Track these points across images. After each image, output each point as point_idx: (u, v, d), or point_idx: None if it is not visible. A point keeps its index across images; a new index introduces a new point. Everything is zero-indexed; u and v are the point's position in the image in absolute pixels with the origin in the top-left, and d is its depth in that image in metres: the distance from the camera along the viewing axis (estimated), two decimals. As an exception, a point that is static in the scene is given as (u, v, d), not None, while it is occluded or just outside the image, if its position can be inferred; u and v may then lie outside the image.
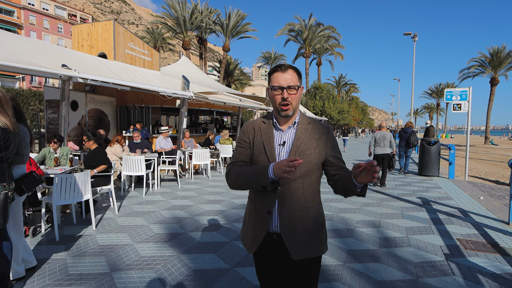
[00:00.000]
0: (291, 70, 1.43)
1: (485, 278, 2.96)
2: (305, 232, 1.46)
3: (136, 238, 3.90)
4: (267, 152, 1.46)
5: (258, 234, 1.49)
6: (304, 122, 1.51)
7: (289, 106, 1.42)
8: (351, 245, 3.77)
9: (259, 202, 1.50)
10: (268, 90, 1.49)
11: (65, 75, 5.68)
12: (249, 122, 1.60)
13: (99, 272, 3.00)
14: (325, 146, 1.48)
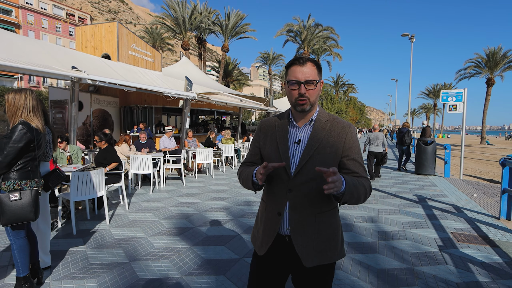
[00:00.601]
0: (310, 63, 1.34)
1: (475, 267, 3.22)
2: (317, 237, 1.38)
3: (149, 232, 4.13)
4: (280, 150, 1.40)
5: (268, 235, 1.43)
6: (322, 120, 1.42)
7: (306, 101, 1.34)
8: (352, 238, 4.02)
9: (270, 203, 1.45)
10: (284, 84, 1.40)
11: (75, 77, 5.89)
12: (264, 120, 1.56)
13: (118, 262, 3.23)
14: (342, 145, 1.38)
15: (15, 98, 2.44)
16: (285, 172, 1.37)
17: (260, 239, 1.47)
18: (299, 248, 1.36)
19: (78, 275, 2.93)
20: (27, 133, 2.38)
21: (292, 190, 1.36)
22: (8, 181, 2.37)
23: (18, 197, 2.35)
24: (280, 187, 1.39)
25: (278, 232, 1.42)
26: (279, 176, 1.39)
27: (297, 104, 1.35)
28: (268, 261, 1.45)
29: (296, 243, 1.36)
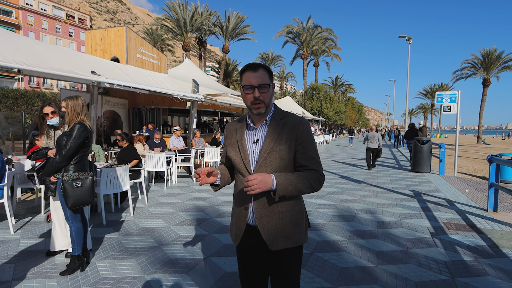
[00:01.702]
0: (262, 69, 1.45)
1: (462, 249, 3.69)
2: (281, 225, 1.50)
3: (171, 222, 4.58)
4: (241, 151, 1.53)
5: (239, 227, 1.58)
6: (276, 118, 1.52)
7: (261, 104, 1.44)
8: (354, 226, 4.49)
9: (238, 198, 1.58)
10: (240, 90, 1.50)
11: (95, 81, 6.33)
12: (228, 125, 1.69)
13: (150, 246, 3.68)
14: (294, 140, 1.48)
15: (74, 104, 2.89)
16: (246, 170, 1.50)
17: (234, 232, 1.62)
18: (266, 235, 1.49)
19: (118, 257, 3.38)
20: (84, 131, 2.83)
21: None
22: (68, 173, 2.82)
23: (80, 184, 2.81)
24: (244, 184, 1.46)
25: (248, 223, 1.55)
26: (242, 174, 1.53)
27: (253, 108, 1.45)
28: (245, 250, 1.60)
29: (262, 232, 1.49)
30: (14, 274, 2.95)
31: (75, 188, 2.80)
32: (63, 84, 55.81)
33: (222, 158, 1.75)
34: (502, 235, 4.17)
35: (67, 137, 2.79)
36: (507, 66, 33.64)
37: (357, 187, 7.54)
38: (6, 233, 4.06)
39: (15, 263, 3.18)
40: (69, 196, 2.78)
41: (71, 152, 2.78)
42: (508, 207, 5.91)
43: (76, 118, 2.91)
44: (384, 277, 2.97)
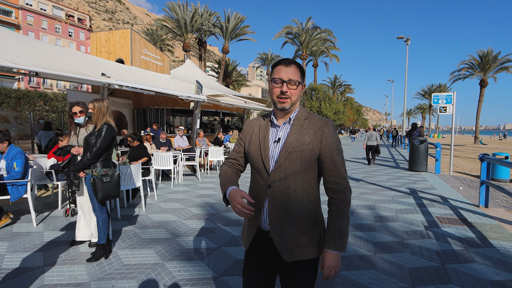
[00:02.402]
0: (294, 65, 1.41)
1: (453, 240, 4.00)
2: (296, 232, 1.41)
3: (181, 217, 4.87)
4: (261, 149, 1.46)
5: (250, 230, 1.51)
6: (300, 118, 1.47)
7: (287, 99, 1.40)
8: (353, 220, 4.79)
9: (253, 199, 1.49)
10: (269, 83, 1.46)
11: (106, 82, 6.62)
12: (250, 121, 1.62)
13: (164, 237, 3.97)
14: (319, 142, 1.41)
15: (100, 106, 3.18)
16: (264, 169, 1.44)
17: (245, 234, 1.54)
18: (278, 242, 1.40)
19: (136, 246, 3.67)
20: (111, 131, 3.13)
21: (270, 186, 1.41)
22: (97, 169, 3.12)
23: (109, 179, 3.11)
24: (260, 184, 1.46)
25: (260, 227, 1.48)
26: (260, 174, 1.46)
27: (278, 101, 1.41)
28: (254, 255, 1.52)
29: (275, 238, 1.41)
30: (45, 261, 3.24)
31: (104, 183, 3.09)
32: (63, 84, 55.99)
33: (232, 154, 1.62)
34: (490, 228, 4.49)
35: (96, 137, 3.08)
36: (504, 67, 34.04)
37: (356, 185, 7.85)
38: (30, 226, 4.35)
39: (44, 252, 3.47)
40: (99, 190, 3.08)
41: (100, 151, 3.07)
42: (499, 203, 6.23)
43: (102, 119, 3.20)
44: (381, 264, 3.27)
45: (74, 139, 3.48)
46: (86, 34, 68.42)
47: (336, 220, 1.38)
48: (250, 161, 1.53)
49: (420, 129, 13.94)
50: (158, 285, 2.77)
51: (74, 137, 3.49)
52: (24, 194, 4.31)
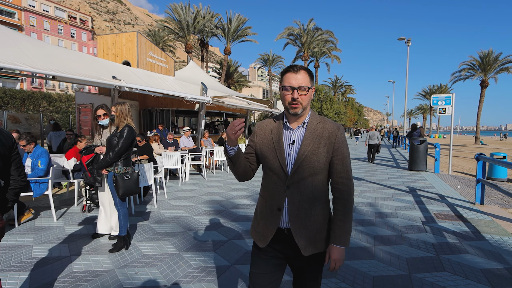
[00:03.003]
0: (303, 71, 1.48)
1: (448, 234, 4.27)
2: (313, 229, 1.52)
3: (192, 213, 5.15)
4: (277, 151, 1.52)
5: (269, 229, 1.56)
6: (314, 122, 1.54)
7: (299, 105, 1.46)
8: (354, 216, 5.06)
9: (270, 199, 1.56)
10: (280, 90, 1.53)
11: (118, 85, 6.90)
12: (261, 122, 1.67)
13: (178, 231, 4.25)
14: (333, 145, 1.51)
15: (122, 109, 3.45)
16: (282, 171, 1.50)
17: (261, 233, 1.59)
18: (298, 238, 1.50)
19: (153, 239, 3.95)
20: (132, 133, 3.41)
21: (289, 187, 1.50)
22: (118, 167, 3.39)
23: (129, 177, 3.38)
24: (278, 185, 1.52)
25: (279, 226, 1.55)
26: (277, 175, 1.52)
27: (290, 108, 1.48)
28: (268, 252, 1.59)
29: (295, 235, 1.50)
30: (70, 251, 3.52)
31: (125, 180, 3.37)
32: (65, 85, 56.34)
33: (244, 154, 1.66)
34: (484, 223, 4.75)
35: (118, 138, 3.36)
36: (505, 68, 34.22)
37: (357, 183, 8.11)
38: (50, 220, 4.63)
39: (68, 244, 3.75)
40: (120, 186, 3.36)
41: (122, 150, 3.35)
42: (494, 201, 6.49)
43: (123, 121, 3.47)
44: (381, 254, 3.54)
45: (98, 139, 3.76)
46: (88, 35, 68.84)
47: (342, 218, 1.52)
48: (264, 162, 1.58)
49: (420, 129, 14.20)
50: (177, 273, 3.04)
51: (98, 138, 3.76)
52: (46, 191, 4.59)
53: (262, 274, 1.58)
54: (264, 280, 1.58)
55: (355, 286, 2.83)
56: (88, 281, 2.85)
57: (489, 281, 2.95)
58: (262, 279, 1.58)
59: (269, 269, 1.59)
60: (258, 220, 1.63)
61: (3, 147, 1.86)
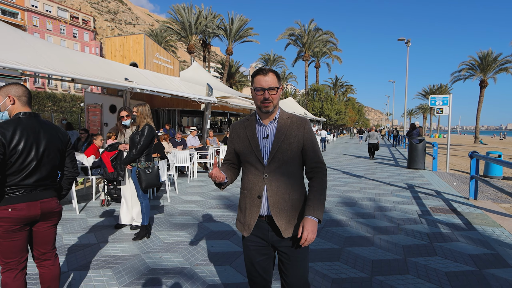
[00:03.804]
0: (272, 73, 1.63)
1: (442, 225, 4.62)
2: (292, 213, 1.66)
3: (203, 207, 5.51)
4: (252, 145, 1.68)
5: (252, 217, 1.69)
6: (283, 117, 1.72)
7: (270, 103, 1.62)
8: (355, 210, 5.42)
9: (250, 189, 1.70)
10: (251, 91, 1.68)
11: (130, 87, 7.26)
12: (235, 123, 1.83)
13: (192, 223, 4.61)
14: (302, 135, 1.68)
15: (143, 110, 3.81)
16: (259, 162, 1.66)
17: (244, 223, 1.73)
18: (279, 222, 1.64)
19: (170, 229, 4.31)
20: (152, 131, 3.76)
21: (267, 175, 1.65)
22: (141, 162, 3.75)
23: (150, 171, 3.74)
24: (256, 175, 1.67)
25: (260, 213, 1.68)
26: (254, 167, 1.68)
27: (263, 106, 1.63)
28: (255, 241, 1.72)
29: (275, 218, 1.64)
30: (97, 239, 3.88)
31: (147, 174, 3.73)
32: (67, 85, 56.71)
33: (226, 156, 1.86)
34: (476, 216, 5.11)
35: (139, 136, 3.72)
36: (504, 68, 34.51)
37: (358, 181, 8.47)
38: (73, 213, 5.00)
39: (94, 233, 4.12)
40: (143, 180, 3.72)
41: (143, 147, 3.71)
42: (488, 196, 6.84)
43: (143, 121, 3.83)
44: (379, 242, 3.90)
45: (122, 138, 4.11)
46: (90, 35, 69.24)
47: (317, 193, 1.66)
48: (242, 157, 1.74)
49: (419, 129, 14.55)
50: (197, 257, 3.41)
51: (121, 136, 4.12)
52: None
53: (254, 263, 1.73)
54: (258, 268, 1.73)
55: (357, 267, 3.19)
56: (119, 263, 3.22)
57: (475, 263, 3.31)
58: (255, 267, 1.73)
59: (259, 257, 1.72)
60: (241, 212, 1.77)
61: (61, 143, 2.23)
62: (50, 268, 2.24)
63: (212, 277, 2.94)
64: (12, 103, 2.06)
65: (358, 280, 2.93)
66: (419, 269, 3.18)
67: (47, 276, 2.22)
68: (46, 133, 2.13)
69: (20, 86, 2.11)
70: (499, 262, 3.35)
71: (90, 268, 3.10)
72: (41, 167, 2.07)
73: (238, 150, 1.76)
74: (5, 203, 1.94)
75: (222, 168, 1.75)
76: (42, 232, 2.17)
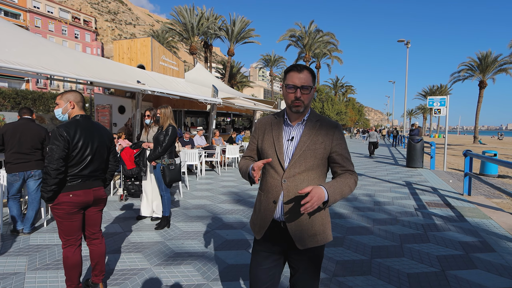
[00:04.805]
0: (306, 71, 1.52)
1: (436, 217, 5.02)
2: (309, 223, 1.55)
3: (214, 201, 5.91)
4: (276, 146, 1.58)
5: (265, 221, 1.61)
6: (313, 119, 1.60)
7: (301, 104, 1.51)
8: (356, 204, 5.82)
9: (266, 193, 1.62)
10: (282, 88, 1.57)
11: (143, 89, 7.66)
12: (262, 119, 1.72)
13: (206, 215, 5.01)
14: (331, 142, 1.56)
15: (166, 112, 4.21)
16: (280, 165, 1.56)
17: (258, 225, 1.65)
18: (293, 232, 1.54)
19: (187, 221, 4.71)
20: (175, 131, 4.16)
21: (286, 180, 1.54)
22: (165, 159, 4.16)
23: (174, 167, 4.15)
24: (275, 179, 1.57)
25: (274, 218, 1.59)
26: (274, 169, 1.58)
27: (293, 106, 1.52)
28: (266, 244, 1.64)
29: (290, 228, 1.54)
30: (123, 229, 4.28)
31: (171, 170, 4.13)
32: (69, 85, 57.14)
33: (247, 151, 1.77)
34: (468, 210, 5.51)
35: (164, 135, 4.12)
36: (503, 69, 34.89)
37: (358, 178, 8.86)
38: (95, 207, 5.39)
39: (118, 223, 4.52)
40: (167, 175, 4.12)
41: (168, 146, 4.11)
42: (481, 192, 7.24)
43: (167, 121, 4.23)
44: (378, 232, 4.30)
45: (145, 136, 4.52)
46: (92, 36, 69.69)
47: (342, 183, 1.51)
48: (263, 157, 1.64)
49: (418, 129, 14.97)
50: (215, 243, 3.81)
51: (145, 135, 4.52)
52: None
53: (260, 268, 1.64)
54: (263, 275, 1.63)
55: (358, 252, 3.59)
56: (146, 248, 3.62)
57: (464, 248, 3.71)
58: (260, 273, 1.63)
59: (268, 264, 1.63)
60: (255, 213, 1.71)
61: (108, 141, 2.63)
62: (98, 246, 2.64)
63: (230, 259, 3.34)
64: (72, 108, 2.46)
65: (359, 262, 3.33)
66: (413, 253, 3.58)
67: (96, 253, 2.62)
68: (97, 132, 2.53)
69: (78, 93, 2.51)
70: (485, 248, 3.75)
71: (122, 252, 3.50)
72: (94, 160, 2.48)
73: (261, 148, 1.67)
74: (66, 190, 2.35)
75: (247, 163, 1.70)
76: (92, 215, 2.58)
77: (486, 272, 3.12)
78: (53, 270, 3.05)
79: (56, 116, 2.51)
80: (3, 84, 45.49)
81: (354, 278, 2.98)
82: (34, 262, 3.22)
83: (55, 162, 2.20)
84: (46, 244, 3.72)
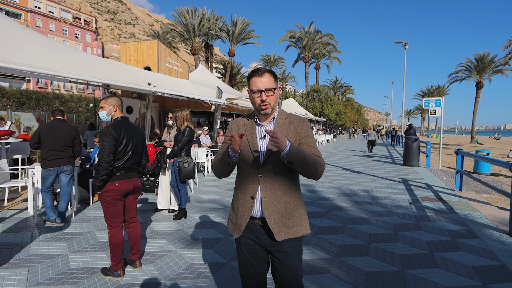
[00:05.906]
0: (267, 73, 1.58)
1: (428, 210, 5.49)
2: (286, 215, 1.61)
3: (224, 196, 6.36)
4: (250, 145, 1.63)
5: (243, 218, 1.64)
6: (282, 117, 1.68)
7: (268, 105, 1.58)
8: (354, 199, 6.29)
9: (243, 189, 1.66)
10: (248, 93, 1.63)
11: (155, 91, 8.10)
12: (234, 120, 1.78)
13: (218, 208, 5.46)
14: (298, 135, 1.64)
15: (182, 114, 4.65)
16: (255, 162, 1.62)
17: (235, 223, 1.70)
18: (272, 224, 1.59)
19: (201, 213, 5.16)
20: (191, 132, 4.61)
21: (262, 176, 1.61)
22: (181, 157, 4.60)
23: (188, 165, 4.59)
24: (252, 175, 1.63)
25: (252, 215, 1.64)
26: (250, 167, 1.64)
27: (261, 109, 1.59)
28: (248, 244, 1.68)
29: (269, 221, 1.59)
30: (143, 219, 4.73)
31: (185, 168, 4.58)
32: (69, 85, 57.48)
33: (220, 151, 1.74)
34: (458, 203, 5.98)
35: (181, 136, 4.56)
36: (499, 70, 35.45)
37: (357, 176, 9.34)
38: (115, 201, 5.84)
39: (139, 215, 4.96)
40: (182, 172, 4.56)
41: (183, 145, 4.56)
42: (472, 188, 7.71)
43: (184, 123, 4.67)
44: (375, 222, 4.76)
45: (167, 136, 4.96)
46: (92, 36, 70.01)
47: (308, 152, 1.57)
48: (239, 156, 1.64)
49: (415, 128, 15.47)
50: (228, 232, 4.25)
51: (167, 134, 4.97)
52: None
53: (247, 266, 1.71)
54: (251, 271, 1.71)
55: (357, 238, 4.05)
56: (169, 235, 4.07)
57: (451, 235, 4.18)
58: (248, 270, 1.71)
59: (254, 260, 1.69)
60: (233, 212, 1.75)
61: (143, 139, 3.09)
62: (135, 228, 3.09)
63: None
64: (115, 110, 2.91)
65: (358, 246, 3.79)
66: (406, 239, 4.04)
67: (134, 234, 3.07)
68: (135, 131, 2.98)
69: (118, 98, 2.96)
70: (470, 235, 4.22)
71: (147, 238, 3.95)
72: (133, 155, 2.93)
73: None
74: (113, 179, 2.80)
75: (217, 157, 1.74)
76: (130, 202, 3.03)
77: (469, 254, 3.58)
78: (92, 252, 3.50)
79: (101, 118, 2.95)
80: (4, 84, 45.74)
81: (353, 258, 3.44)
82: (73, 246, 3.66)
83: (107, 156, 2.65)
84: (78, 231, 4.17)
